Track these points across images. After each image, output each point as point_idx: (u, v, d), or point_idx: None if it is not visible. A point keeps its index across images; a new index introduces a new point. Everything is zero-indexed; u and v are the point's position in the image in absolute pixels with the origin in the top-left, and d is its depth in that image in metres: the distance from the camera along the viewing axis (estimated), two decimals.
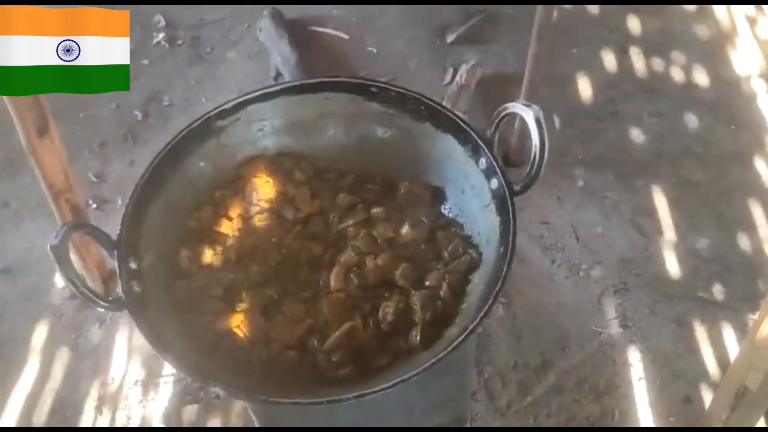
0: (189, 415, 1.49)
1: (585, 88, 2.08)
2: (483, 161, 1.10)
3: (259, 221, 1.17)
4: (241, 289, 1.11)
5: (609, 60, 2.17)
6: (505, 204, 1.05)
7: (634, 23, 2.26)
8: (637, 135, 1.98)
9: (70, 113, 2.10)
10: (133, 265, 1.03)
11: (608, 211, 1.81)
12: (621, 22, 2.26)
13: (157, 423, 1.51)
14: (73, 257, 1.64)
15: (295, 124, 1.23)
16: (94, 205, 1.92)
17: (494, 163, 1.08)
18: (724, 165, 1.90)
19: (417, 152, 1.21)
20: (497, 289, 0.98)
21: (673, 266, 1.71)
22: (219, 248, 1.15)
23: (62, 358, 1.66)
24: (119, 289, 0.99)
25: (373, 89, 1.19)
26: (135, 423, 1.54)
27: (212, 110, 1.17)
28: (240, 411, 1.50)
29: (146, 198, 1.09)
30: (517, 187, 1.06)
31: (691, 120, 2.00)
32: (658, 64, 2.15)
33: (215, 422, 1.48)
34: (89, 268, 1.70)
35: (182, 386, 1.56)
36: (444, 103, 1.92)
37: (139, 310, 0.98)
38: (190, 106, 2.16)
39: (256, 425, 1.21)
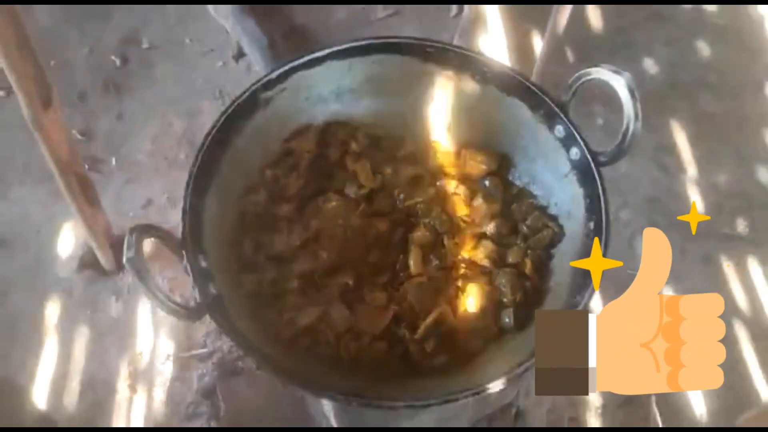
0: (232, 388, 1.44)
1: (594, 16, 2.00)
2: (560, 129, 1.05)
3: (321, 202, 1.10)
4: (315, 279, 1.05)
5: None
6: (589, 175, 1.01)
7: None
8: (650, 66, 1.93)
9: None
10: (203, 263, 0.95)
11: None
12: None
13: (199, 398, 1.46)
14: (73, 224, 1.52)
15: (344, 90, 1.14)
16: (86, 166, 1.77)
17: (575, 132, 1.03)
18: (739, 95, 1.88)
19: (480, 117, 1.14)
20: None
21: (697, 204, 1.72)
22: (281, 235, 1.07)
23: (82, 335, 1.57)
24: (196, 293, 0.91)
25: (429, 50, 1.10)
26: (174, 399, 1.49)
27: (257, 82, 1.07)
28: None
29: (202, 186, 0.99)
30: (603, 159, 1.01)
31: (703, 48, 1.96)
32: None
33: (262, 393, 1.43)
34: (96, 235, 1.59)
35: (218, 358, 1.51)
36: (456, 41, 1.83)
37: (221, 313, 0.91)
38: (175, 48, 1.99)
39: (330, 414, 1.18)
